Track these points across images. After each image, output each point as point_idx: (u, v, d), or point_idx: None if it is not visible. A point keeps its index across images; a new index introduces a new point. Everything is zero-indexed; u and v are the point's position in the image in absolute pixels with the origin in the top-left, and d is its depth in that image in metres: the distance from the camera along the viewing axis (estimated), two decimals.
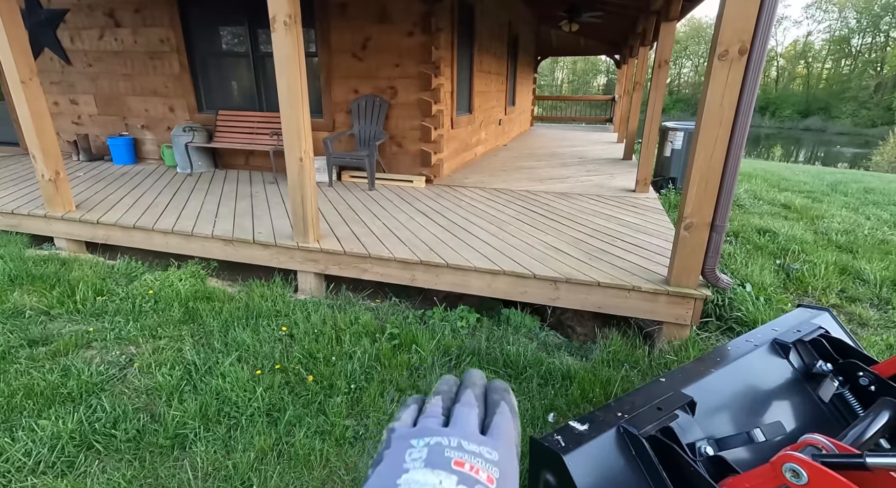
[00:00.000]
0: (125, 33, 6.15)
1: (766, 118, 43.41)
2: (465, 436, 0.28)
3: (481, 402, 0.32)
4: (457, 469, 0.25)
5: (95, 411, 1.95)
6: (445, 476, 0.25)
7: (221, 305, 2.93)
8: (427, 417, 0.30)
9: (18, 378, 2.13)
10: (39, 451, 1.73)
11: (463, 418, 0.30)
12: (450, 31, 5.25)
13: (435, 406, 0.31)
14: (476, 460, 0.26)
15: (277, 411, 2.02)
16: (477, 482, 0.25)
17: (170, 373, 2.22)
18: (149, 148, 6.75)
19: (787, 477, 0.91)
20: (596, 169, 6.59)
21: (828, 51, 46.01)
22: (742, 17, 2.15)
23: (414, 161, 5.45)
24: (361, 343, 2.53)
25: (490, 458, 0.27)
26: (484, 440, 0.28)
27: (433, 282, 3.10)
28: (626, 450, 1.16)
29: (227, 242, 3.55)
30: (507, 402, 0.32)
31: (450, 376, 0.35)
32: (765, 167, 10.88)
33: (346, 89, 5.44)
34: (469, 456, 0.26)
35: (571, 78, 55.13)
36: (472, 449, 0.27)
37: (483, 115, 7.37)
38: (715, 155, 2.38)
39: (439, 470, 0.25)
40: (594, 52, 13.88)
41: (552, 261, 3.02)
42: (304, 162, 3.16)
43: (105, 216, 3.91)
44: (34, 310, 2.79)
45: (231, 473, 1.69)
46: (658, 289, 2.65)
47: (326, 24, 5.19)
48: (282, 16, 2.87)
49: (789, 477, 0.91)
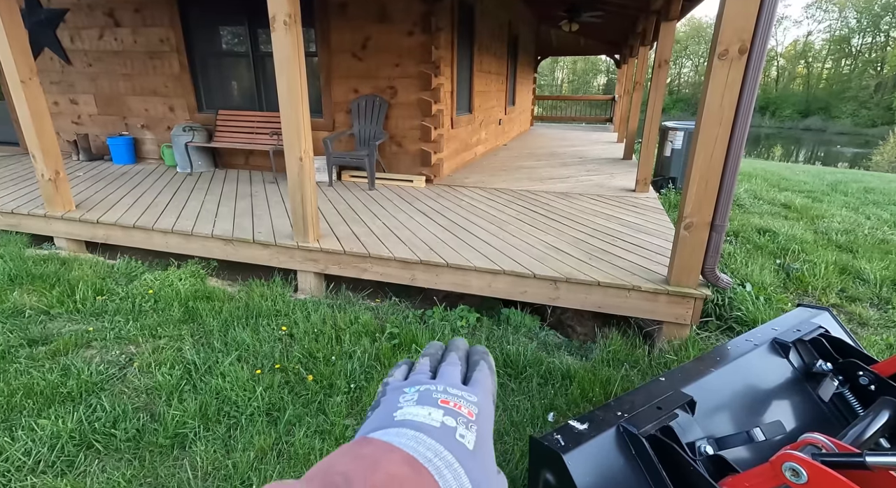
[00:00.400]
0: (125, 33, 6.14)
1: (766, 118, 43.41)
2: (450, 385, 0.32)
3: (464, 362, 0.37)
4: (443, 405, 0.30)
5: (95, 410, 1.95)
6: (434, 409, 0.29)
7: (221, 305, 2.93)
8: (417, 373, 0.34)
9: (18, 377, 2.12)
10: (39, 450, 1.73)
11: (448, 373, 0.34)
12: (450, 31, 5.25)
13: (423, 365, 0.36)
14: (459, 400, 0.31)
15: (277, 410, 2.02)
16: (459, 414, 0.30)
17: (169, 373, 2.22)
18: (149, 147, 6.75)
19: (787, 477, 0.91)
20: (596, 168, 6.58)
21: (828, 50, 45.99)
22: (742, 16, 2.15)
23: (414, 161, 5.45)
24: (361, 342, 2.53)
25: (470, 400, 0.32)
26: (465, 387, 0.33)
27: (433, 282, 3.10)
28: (625, 450, 1.16)
29: (226, 242, 3.54)
30: (486, 362, 0.37)
31: (436, 342, 0.40)
32: (765, 167, 10.87)
33: (346, 89, 5.44)
34: (453, 397, 0.31)
35: (571, 78, 55.12)
36: (455, 392, 0.32)
37: (483, 114, 7.37)
38: (715, 154, 2.38)
39: (429, 406, 0.30)
40: (594, 52, 13.87)
41: (552, 261, 3.02)
42: (304, 161, 3.16)
43: (105, 216, 3.91)
44: (34, 309, 2.79)
45: (231, 472, 1.69)
46: (658, 288, 2.65)
47: (326, 24, 5.19)
48: (282, 15, 2.87)
49: (789, 476, 0.91)
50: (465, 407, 0.30)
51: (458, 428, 0.28)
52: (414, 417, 0.29)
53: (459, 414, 0.30)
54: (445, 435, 0.28)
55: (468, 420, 0.30)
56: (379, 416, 0.30)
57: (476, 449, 0.28)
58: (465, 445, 0.28)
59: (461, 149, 6.43)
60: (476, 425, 0.30)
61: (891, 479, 0.91)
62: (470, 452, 0.27)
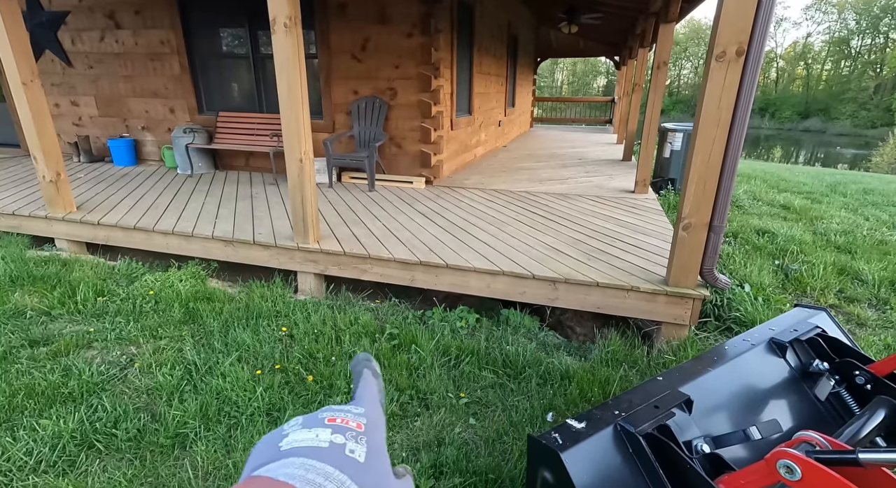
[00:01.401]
0: (125, 35, 6.17)
1: (765, 119, 43.44)
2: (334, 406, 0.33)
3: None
4: (329, 423, 0.30)
5: (96, 411, 1.96)
6: (321, 430, 0.29)
7: (222, 306, 2.94)
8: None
9: (20, 378, 2.13)
10: (41, 450, 1.74)
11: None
12: (449, 33, 5.27)
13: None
14: (345, 414, 0.32)
15: (278, 411, 2.03)
16: (347, 429, 0.30)
17: (170, 373, 2.23)
18: (149, 149, 6.76)
19: (782, 474, 0.92)
20: (595, 170, 6.60)
21: (827, 52, 46.04)
22: (740, 17, 2.16)
23: (413, 162, 5.46)
24: (361, 343, 2.54)
25: (357, 412, 0.32)
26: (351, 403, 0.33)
27: (433, 283, 3.11)
28: (623, 448, 1.17)
29: (227, 243, 3.56)
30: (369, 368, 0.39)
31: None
32: (764, 168, 10.89)
33: (346, 90, 5.46)
34: (339, 413, 0.32)
35: (571, 79, 55.20)
36: (340, 408, 0.33)
37: (483, 116, 7.39)
38: (713, 156, 2.39)
39: (315, 428, 0.30)
40: (594, 54, 13.90)
41: (551, 262, 3.03)
42: (304, 163, 3.17)
43: (106, 217, 3.92)
44: (35, 310, 2.80)
45: (231, 472, 1.70)
46: (657, 289, 2.66)
47: (326, 26, 5.20)
48: (282, 17, 2.89)
49: (783, 473, 0.92)
50: (353, 420, 0.31)
51: (348, 444, 0.29)
52: (300, 443, 0.28)
53: (347, 429, 0.30)
54: (335, 453, 0.28)
55: (357, 433, 0.30)
56: (264, 450, 0.29)
57: (368, 460, 0.29)
58: (356, 459, 0.28)
59: (461, 151, 6.44)
60: (366, 436, 0.30)
61: (885, 477, 0.92)
62: (362, 465, 0.28)
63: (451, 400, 2.15)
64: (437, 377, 2.29)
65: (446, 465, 1.72)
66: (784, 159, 26.01)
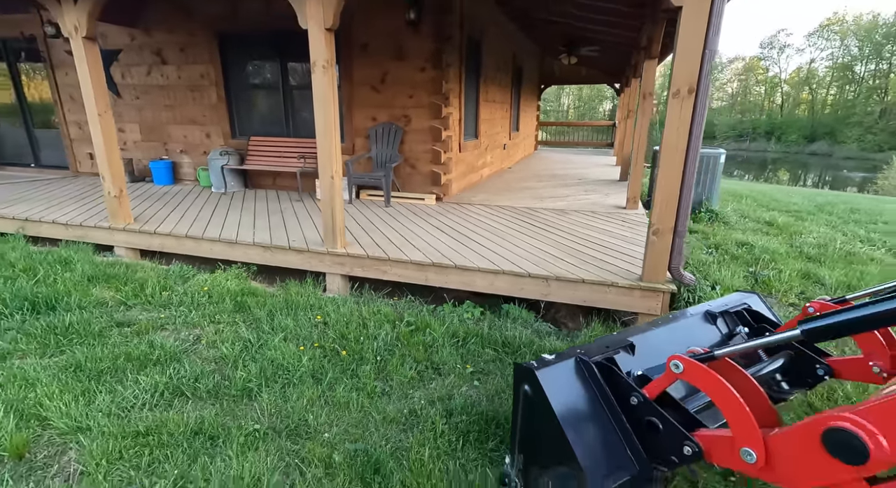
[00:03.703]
0: (170, 70, 6.94)
1: (772, 142, 43.96)
2: None
3: None
4: None
5: (179, 372, 2.48)
6: None
7: (264, 299, 3.48)
8: None
9: (118, 347, 2.67)
10: (144, 396, 2.26)
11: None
12: (458, 67, 5.93)
13: None
14: None
15: (320, 374, 2.53)
16: None
17: (231, 347, 2.75)
18: (186, 170, 7.46)
19: (672, 370, 1.41)
20: (593, 189, 7.14)
21: (832, 77, 46.79)
22: (689, 64, 2.72)
23: (425, 181, 6.05)
24: (383, 328, 3.05)
25: None
26: None
27: (443, 281, 3.63)
28: (580, 371, 1.66)
29: (265, 248, 4.12)
30: None
31: None
32: (761, 189, 11.37)
33: (366, 117, 6.11)
34: None
35: (577, 104, 56.47)
36: None
37: (488, 140, 8.02)
38: (674, 174, 2.92)
39: None
40: (595, 81, 14.63)
41: (546, 264, 3.54)
42: (335, 180, 3.76)
43: (160, 227, 4.53)
44: (114, 301, 3.35)
45: (290, 412, 2.19)
46: (633, 284, 3.15)
47: (350, 61, 5.89)
48: (321, 60, 3.52)
49: (673, 369, 1.41)
50: None
51: None
52: None
53: None
54: None
55: None
56: None
57: None
58: None
59: (468, 172, 7.04)
60: None
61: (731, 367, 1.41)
62: None
63: (458, 370, 2.64)
64: (447, 353, 2.79)
65: (455, 410, 2.20)
66: (792, 182, 26.37)
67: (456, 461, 1.88)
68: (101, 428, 2.02)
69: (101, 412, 2.12)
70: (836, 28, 46.08)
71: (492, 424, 2.09)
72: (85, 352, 2.60)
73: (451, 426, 2.08)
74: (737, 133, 47.19)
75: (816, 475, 1.11)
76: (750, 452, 1.23)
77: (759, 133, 46.25)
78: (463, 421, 2.10)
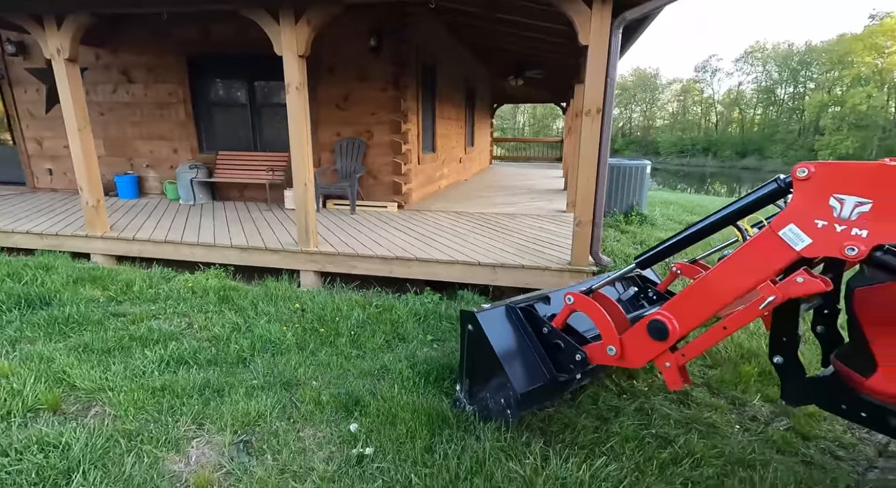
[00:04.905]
0: (137, 88, 7.21)
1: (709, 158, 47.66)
2: None
3: None
4: None
5: (179, 347, 2.87)
6: None
7: (246, 293, 3.89)
8: None
9: (120, 331, 3.02)
10: (151, 365, 2.65)
11: None
12: (416, 88, 6.58)
13: None
14: None
15: (303, 345, 3.00)
16: None
17: (222, 329, 3.16)
18: (152, 184, 7.66)
19: (567, 302, 2.03)
20: (540, 196, 7.93)
21: (757, 99, 51.54)
22: (596, 90, 3.45)
23: (388, 190, 6.61)
24: (355, 310, 3.54)
25: None
26: None
27: (406, 273, 4.17)
28: (509, 314, 2.25)
29: (243, 250, 4.52)
30: None
31: None
32: (689, 198, 12.68)
33: (331, 133, 6.63)
34: None
35: (532, 122, 59.00)
36: None
37: (445, 153, 8.70)
38: (590, 176, 3.63)
39: None
40: (543, 100, 15.80)
41: (494, 255, 4.16)
42: (308, 186, 4.25)
43: (138, 234, 4.82)
44: (104, 297, 3.67)
45: (281, 371, 2.64)
46: (563, 267, 3.81)
47: (317, 82, 6.42)
48: (294, 83, 4.05)
49: (567, 301, 2.02)
50: None
51: None
52: None
53: None
54: None
55: None
56: None
57: None
58: None
59: (427, 183, 7.66)
60: None
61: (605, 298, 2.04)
62: None
63: (420, 338, 3.18)
64: (411, 326, 3.32)
65: (418, 363, 2.73)
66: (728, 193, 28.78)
67: (418, 394, 2.41)
68: (120, 386, 2.40)
69: (118, 376, 2.50)
70: (759, 55, 51.00)
71: (447, 370, 2.63)
72: (90, 335, 2.95)
73: (414, 373, 2.61)
74: (678, 149, 50.88)
75: (646, 352, 1.74)
76: (612, 348, 1.85)
77: (697, 149, 50.06)
78: (424, 369, 2.64)
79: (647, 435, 2.12)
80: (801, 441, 2.13)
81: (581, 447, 2.04)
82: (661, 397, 2.47)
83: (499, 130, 23.74)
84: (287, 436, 2.08)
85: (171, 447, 2.01)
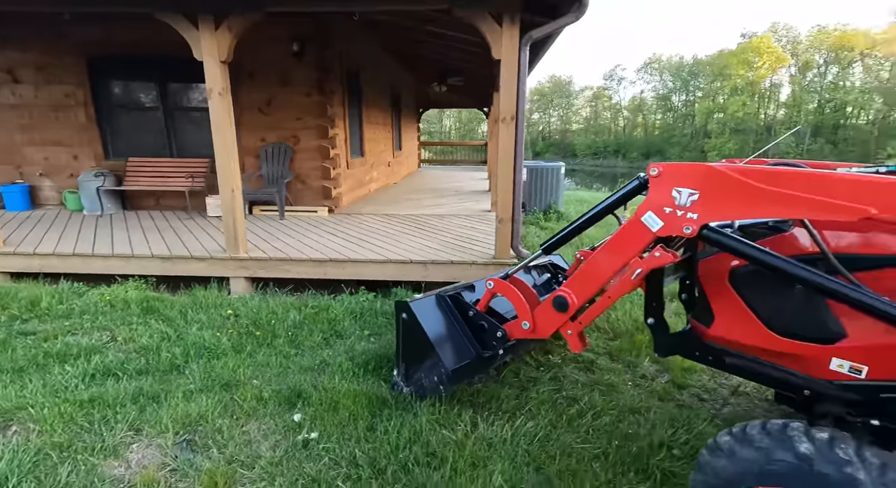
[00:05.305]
0: (25, 89, 6.55)
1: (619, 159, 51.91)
2: None
3: None
4: None
5: (104, 359, 2.78)
6: None
7: (172, 303, 3.78)
8: None
9: (31, 350, 2.84)
10: (74, 380, 2.54)
11: None
12: (342, 93, 6.66)
13: None
14: None
15: (240, 348, 3.02)
16: None
17: (150, 339, 3.09)
18: (47, 194, 6.98)
19: (487, 287, 2.32)
20: (467, 198, 8.33)
21: (657, 105, 57.07)
22: (510, 100, 3.83)
23: (317, 195, 6.61)
24: (291, 312, 3.60)
25: None
26: None
27: (340, 274, 4.28)
28: (439, 303, 2.50)
29: (165, 259, 4.35)
30: None
31: None
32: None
33: (255, 138, 6.50)
34: None
35: (458, 125, 60.47)
36: None
37: (374, 157, 8.82)
38: (508, 177, 4.00)
39: None
40: (466, 106, 16.40)
41: (425, 253, 4.40)
42: (235, 192, 4.21)
43: (39, 248, 4.45)
44: (6, 316, 3.38)
45: (219, 374, 2.67)
46: (489, 261, 4.15)
47: (237, 87, 6.24)
48: (217, 88, 4.01)
49: (488, 286, 2.31)
50: None
51: None
52: None
53: None
54: None
55: None
56: None
57: None
58: None
59: (357, 186, 7.74)
60: None
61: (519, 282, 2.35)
62: None
63: (358, 333, 3.33)
64: (348, 324, 3.46)
65: (356, 355, 2.89)
66: None
67: (358, 382, 2.58)
68: (41, 403, 2.31)
69: (37, 393, 2.39)
70: (656, 65, 56.51)
71: (384, 360, 2.82)
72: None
73: (354, 364, 2.77)
74: (592, 151, 54.90)
75: (552, 323, 2.07)
76: (526, 323, 2.16)
77: (609, 151, 54.34)
78: (363, 360, 2.80)
79: (559, 398, 2.48)
80: (677, 390, 2.61)
81: (504, 412, 2.34)
82: (571, 366, 2.85)
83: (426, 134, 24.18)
84: (231, 431, 2.16)
85: (109, 453, 2.01)
